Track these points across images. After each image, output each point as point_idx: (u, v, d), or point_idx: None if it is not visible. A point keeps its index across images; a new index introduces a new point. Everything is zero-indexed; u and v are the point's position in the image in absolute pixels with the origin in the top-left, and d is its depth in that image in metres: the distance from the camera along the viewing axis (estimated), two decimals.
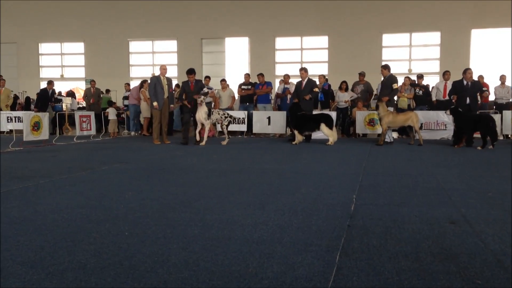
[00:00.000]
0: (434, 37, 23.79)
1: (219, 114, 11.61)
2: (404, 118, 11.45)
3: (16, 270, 2.58)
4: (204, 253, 2.88)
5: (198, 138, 11.58)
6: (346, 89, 14.47)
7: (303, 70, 12.54)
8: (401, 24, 23.52)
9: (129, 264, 2.69)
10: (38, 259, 2.77)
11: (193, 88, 11.63)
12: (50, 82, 16.46)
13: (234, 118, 13.01)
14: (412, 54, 24.30)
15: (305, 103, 12.00)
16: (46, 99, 15.86)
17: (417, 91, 13.93)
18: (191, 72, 11.84)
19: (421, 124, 13.14)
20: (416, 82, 14.44)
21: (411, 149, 10.19)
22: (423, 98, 13.94)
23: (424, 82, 14.84)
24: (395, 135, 12.52)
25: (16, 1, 26.87)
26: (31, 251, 2.91)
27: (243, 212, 3.98)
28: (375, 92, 15.09)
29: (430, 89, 14.72)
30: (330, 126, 11.49)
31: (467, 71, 11.29)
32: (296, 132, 11.65)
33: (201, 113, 11.22)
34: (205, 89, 11.97)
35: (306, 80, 12.37)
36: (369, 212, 3.99)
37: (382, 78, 11.77)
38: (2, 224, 3.59)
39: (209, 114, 11.34)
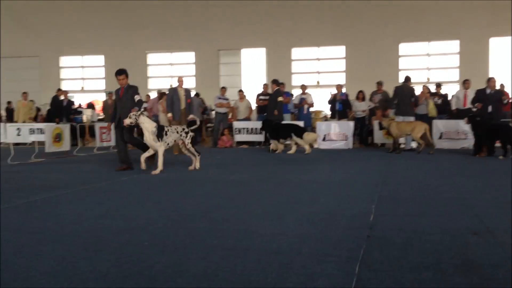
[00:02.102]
0: (453, 45, 23.58)
1: (177, 132, 8.26)
2: (409, 128, 11.54)
3: (39, 280, 2.62)
4: (223, 263, 2.88)
5: (143, 166, 7.93)
6: (363, 99, 14.42)
7: (272, 82, 13.17)
8: (418, 33, 23.38)
9: (149, 274, 2.71)
10: (60, 269, 2.81)
11: (122, 95, 8.49)
12: (59, 90, 16.61)
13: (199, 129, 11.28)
14: (430, 63, 24.12)
15: (275, 116, 12.54)
16: (59, 106, 16.04)
17: (435, 100, 13.80)
18: (120, 73, 8.67)
19: (441, 133, 13.02)
20: (435, 91, 14.31)
21: (431, 159, 10.07)
22: (442, 107, 13.79)
23: (443, 91, 14.69)
24: (414, 144, 12.39)
25: (38, 15, 27.48)
26: (53, 261, 2.95)
27: (261, 223, 3.98)
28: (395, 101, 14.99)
29: (450, 98, 14.56)
30: (299, 135, 11.77)
31: (490, 80, 11.28)
32: (276, 142, 12.07)
33: (147, 135, 7.86)
34: (138, 97, 8.40)
35: (274, 91, 12.91)
36: (389, 222, 3.96)
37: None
38: (25, 234, 3.65)
39: (161, 134, 7.90)
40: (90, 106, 22.95)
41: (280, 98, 12.85)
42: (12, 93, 26.19)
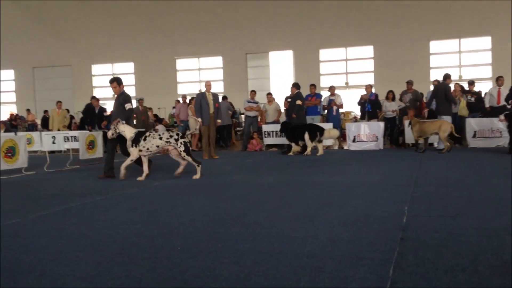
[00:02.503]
0: (485, 42, 23.05)
1: (160, 137, 7.79)
2: (433, 126, 11.37)
3: (76, 285, 2.68)
4: (255, 267, 2.89)
5: (122, 175, 8.02)
6: (393, 99, 14.23)
7: (292, 86, 13.33)
8: (449, 30, 22.97)
9: (182, 278, 2.75)
10: (96, 274, 2.87)
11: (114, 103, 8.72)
12: (93, 98, 16.94)
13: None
14: (462, 60, 23.63)
15: (295, 119, 12.68)
16: (92, 114, 16.36)
17: (469, 98, 13.51)
18: (111, 81, 8.59)
19: (475, 132, 12.73)
20: (468, 89, 14.01)
21: (464, 158, 9.87)
22: (475, 105, 13.49)
23: (476, 89, 14.37)
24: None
25: (69, 25, 28.21)
26: (89, 266, 3.02)
27: (292, 226, 3.98)
28: (424, 101, 14.75)
29: (483, 95, 14.23)
30: (312, 136, 11.92)
31: None
32: (293, 144, 12.34)
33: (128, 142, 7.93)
34: (128, 105, 8.40)
35: (294, 95, 13.04)
36: (422, 224, 3.90)
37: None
38: (62, 240, 3.75)
39: (138, 139, 7.80)
40: None
41: (298, 102, 12.94)
42: (47, 102, 27.00)
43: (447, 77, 12.29)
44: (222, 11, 25.77)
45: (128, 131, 7.93)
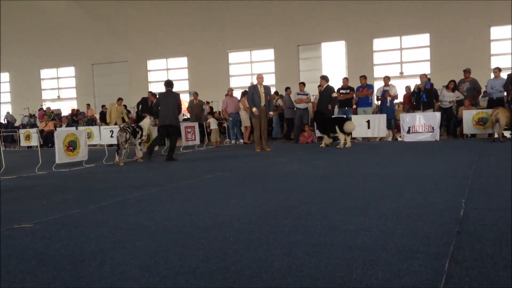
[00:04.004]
0: None
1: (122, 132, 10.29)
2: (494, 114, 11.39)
3: (134, 274, 2.79)
4: (307, 259, 2.90)
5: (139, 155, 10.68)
6: (454, 89, 13.73)
7: (321, 78, 13.37)
8: (511, 15, 21.82)
9: (235, 269, 2.80)
10: (153, 263, 2.97)
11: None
12: (149, 92, 17.40)
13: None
14: None
15: (329, 112, 13.05)
16: (145, 107, 16.82)
17: None
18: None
19: None
20: None
21: None
22: None
23: None
24: (507, 133, 11.66)
25: (125, 21, 29.06)
26: (146, 255, 3.13)
27: (345, 218, 3.95)
28: (483, 89, 14.18)
29: None
30: (342, 128, 11.90)
31: None
32: (325, 136, 12.50)
33: None
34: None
35: (324, 87, 13.22)
36: (480, 217, 3.76)
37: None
38: (121, 230, 3.90)
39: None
40: None
41: (334, 94, 13.31)
42: (105, 97, 28.03)
43: None
44: (273, 3, 25.72)
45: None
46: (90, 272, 2.85)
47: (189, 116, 18.49)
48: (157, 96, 12.45)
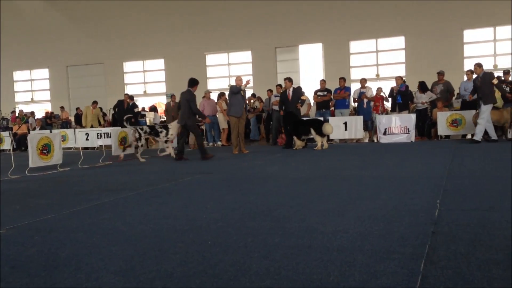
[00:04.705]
0: None
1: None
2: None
3: (110, 279, 2.75)
4: (285, 261, 2.90)
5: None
6: (425, 90, 13.98)
7: (287, 80, 13.07)
8: (483, 19, 22.31)
9: (213, 272, 2.78)
10: (129, 268, 2.94)
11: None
12: (126, 95, 17.26)
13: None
14: (497, 49, 22.94)
15: (296, 111, 12.65)
16: (121, 110, 16.68)
17: (504, 87, 13.12)
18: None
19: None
20: (503, 78, 13.62)
21: (500, 149, 9.62)
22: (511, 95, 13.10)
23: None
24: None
25: (101, 23, 28.75)
26: (122, 260, 3.09)
27: (322, 220, 3.97)
28: (456, 91, 14.47)
29: None
30: (318, 130, 11.84)
31: None
32: (295, 138, 12.33)
33: None
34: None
35: (291, 89, 12.87)
36: (455, 218, 3.83)
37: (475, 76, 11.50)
38: (97, 234, 3.84)
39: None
40: (153, 109, 23.72)
41: (303, 97, 13.53)
42: (80, 99, 27.63)
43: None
44: (251, 5, 25.75)
45: None
46: (64, 278, 2.80)
47: (165, 119, 18.36)
48: None
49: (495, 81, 11.40)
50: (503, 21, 22.18)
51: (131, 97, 17.11)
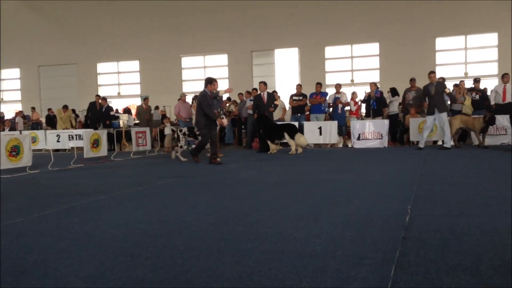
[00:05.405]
0: (491, 38, 22.90)
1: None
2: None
3: (79, 286, 2.70)
4: (257, 267, 2.90)
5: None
6: (394, 94, 14.40)
7: (263, 84, 13.14)
8: (455, 27, 22.82)
9: (185, 278, 2.75)
10: (99, 274, 2.88)
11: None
12: (97, 96, 17.08)
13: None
14: (468, 57, 23.49)
15: (269, 114, 12.69)
16: (94, 112, 16.50)
17: (473, 95, 13.45)
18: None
19: None
20: (473, 86, 13.95)
21: (469, 156, 9.83)
22: (480, 103, 13.42)
23: (482, 86, 14.31)
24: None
25: (75, 23, 28.31)
26: (92, 266, 3.03)
27: (296, 225, 3.98)
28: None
29: (489, 92, 14.15)
30: (292, 135, 11.90)
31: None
32: (269, 142, 12.29)
33: None
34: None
35: (266, 93, 13.00)
36: (425, 223, 3.88)
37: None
38: (66, 239, 3.77)
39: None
40: (127, 111, 23.45)
41: (277, 102, 13.57)
42: (52, 100, 27.12)
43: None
44: (227, 9, 25.73)
45: None
46: (31, 284, 2.74)
47: (138, 121, 18.16)
48: None
49: (447, 91, 11.89)
50: (474, 30, 22.73)
51: (104, 99, 16.90)
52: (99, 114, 16.50)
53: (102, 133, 12.06)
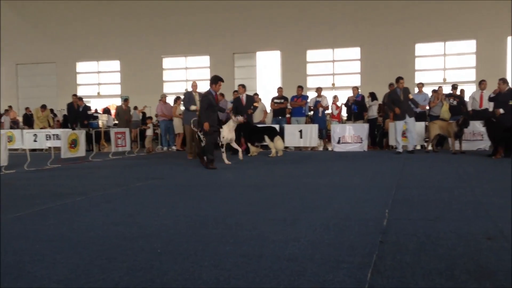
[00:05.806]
0: (470, 45, 23.32)
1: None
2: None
3: None
4: (235, 271, 2.89)
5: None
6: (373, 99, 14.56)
7: (241, 86, 13.16)
8: (434, 33, 23.18)
9: (161, 281, 2.73)
10: (74, 277, 2.84)
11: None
12: (74, 96, 16.91)
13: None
14: (447, 63, 23.88)
15: (248, 117, 12.61)
16: (74, 112, 16.33)
17: (451, 101, 13.66)
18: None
19: None
20: (451, 92, 14.17)
21: (446, 161, 9.97)
22: (457, 108, 13.63)
23: (459, 92, 14.55)
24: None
25: (54, 21, 27.92)
26: (67, 269, 2.98)
27: (274, 228, 3.97)
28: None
29: (467, 98, 14.38)
30: (272, 138, 11.96)
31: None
32: (249, 144, 12.38)
33: None
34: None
35: (244, 95, 12.98)
36: (402, 227, 3.92)
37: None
38: (40, 241, 3.70)
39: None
40: (106, 111, 23.20)
41: (256, 104, 13.65)
42: (30, 99, 26.68)
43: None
44: (210, 10, 25.69)
45: None
46: (5, 287, 2.67)
47: (117, 122, 17.97)
48: None
49: (410, 96, 12.19)
50: (453, 36, 23.12)
51: (80, 99, 16.72)
52: (76, 114, 16.32)
53: (80, 133, 11.89)
